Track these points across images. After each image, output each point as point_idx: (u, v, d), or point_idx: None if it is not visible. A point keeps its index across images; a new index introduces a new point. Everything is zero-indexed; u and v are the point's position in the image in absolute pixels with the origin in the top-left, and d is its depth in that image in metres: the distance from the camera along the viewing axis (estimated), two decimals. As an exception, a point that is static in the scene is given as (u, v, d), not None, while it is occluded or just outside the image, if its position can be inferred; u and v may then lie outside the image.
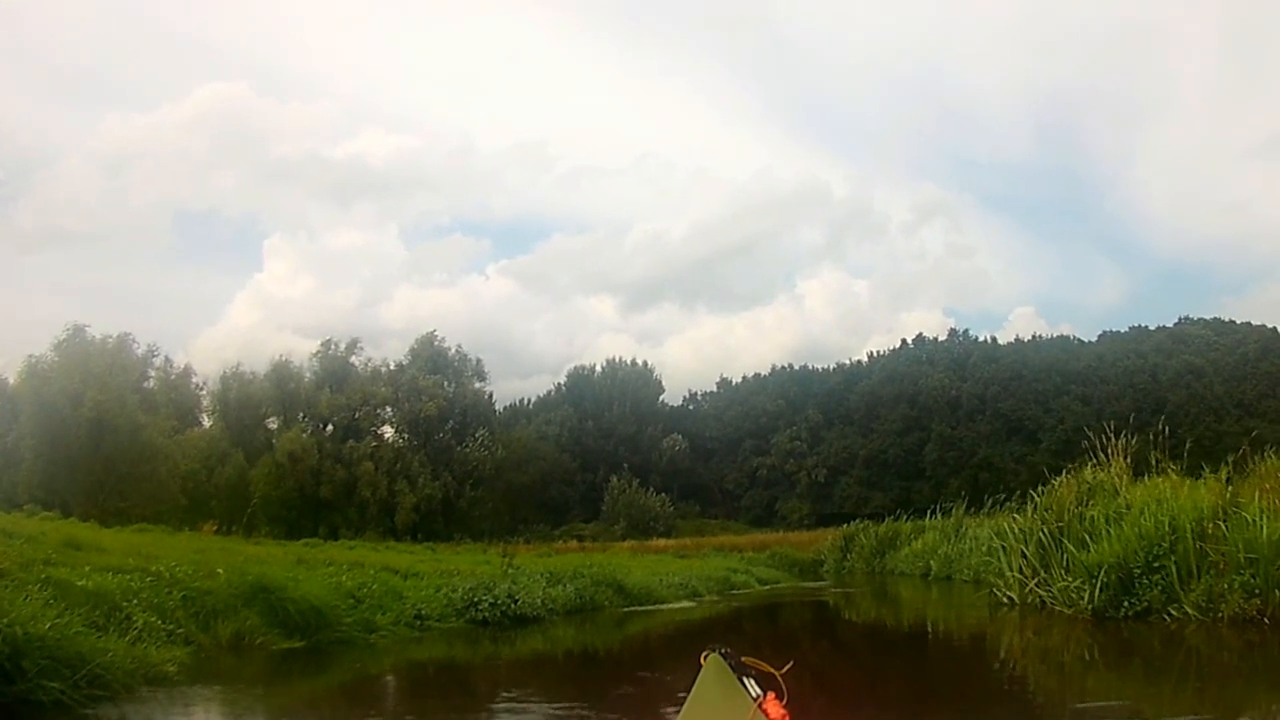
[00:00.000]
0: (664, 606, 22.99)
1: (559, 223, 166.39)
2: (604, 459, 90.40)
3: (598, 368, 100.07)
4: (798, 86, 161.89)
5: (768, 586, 33.20)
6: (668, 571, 28.95)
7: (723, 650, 3.87)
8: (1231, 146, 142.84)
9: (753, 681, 3.77)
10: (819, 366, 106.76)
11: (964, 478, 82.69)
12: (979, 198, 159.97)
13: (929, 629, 19.77)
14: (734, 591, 29.44)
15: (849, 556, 44.00)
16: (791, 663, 4.01)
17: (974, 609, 20.21)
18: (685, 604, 24.07)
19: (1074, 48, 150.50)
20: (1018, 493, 31.21)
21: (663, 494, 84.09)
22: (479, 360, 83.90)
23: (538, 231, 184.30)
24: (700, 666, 3.91)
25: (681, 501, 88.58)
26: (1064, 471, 21.57)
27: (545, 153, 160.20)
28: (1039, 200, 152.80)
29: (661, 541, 62.49)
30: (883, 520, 45.30)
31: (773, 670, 3.86)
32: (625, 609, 22.04)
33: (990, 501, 32.01)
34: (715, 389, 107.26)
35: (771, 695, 3.73)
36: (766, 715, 3.65)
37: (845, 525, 48.45)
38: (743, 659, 3.87)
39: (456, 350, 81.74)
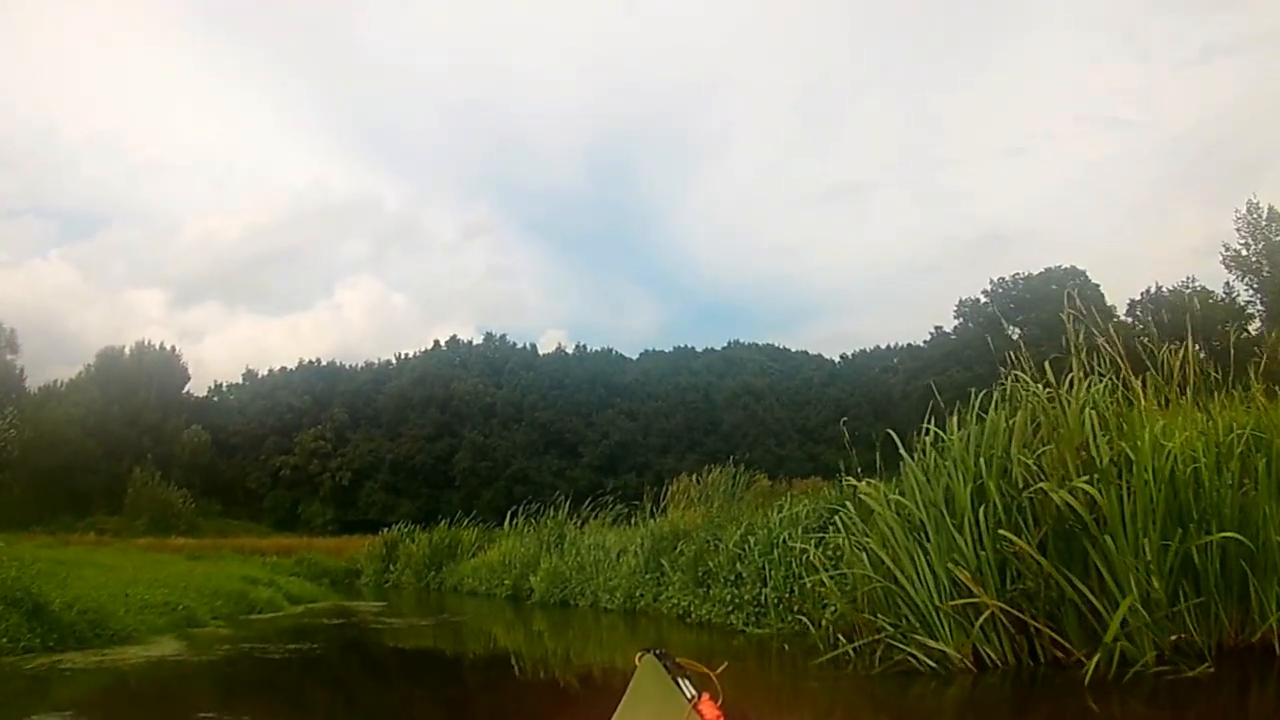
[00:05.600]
0: (125, 652, 10.75)
1: (122, 212, 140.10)
2: (129, 448, 71.86)
3: (126, 350, 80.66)
4: (362, 100, 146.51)
5: (302, 607, 20.72)
6: (159, 579, 16.65)
7: (657, 651, 3.42)
8: (787, 194, 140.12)
9: (688, 682, 3.24)
10: (348, 364, 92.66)
11: (498, 489, 73.38)
12: (525, 222, 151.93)
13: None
14: (254, 616, 17.32)
15: (393, 568, 32.94)
16: (726, 664, 3.55)
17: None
18: (170, 644, 11.85)
19: (635, 88, 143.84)
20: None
21: (185, 489, 67.37)
22: (13, 331, 67.70)
23: (101, 219, 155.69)
24: (635, 668, 3.47)
25: (204, 499, 71.78)
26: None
27: (121, 142, 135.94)
28: (584, 230, 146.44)
29: (180, 540, 48.35)
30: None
31: (707, 671, 3.34)
32: (49, 657, 10.07)
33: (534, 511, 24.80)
34: (241, 381, 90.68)
35: (706, 696, 3.18)
36: (701, 716, 3.11)
37: (381, 532, 37.46)
38: (677, 659, 3.35)
39: (-11, 318, 63.22)
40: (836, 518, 11.37)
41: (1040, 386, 9.70)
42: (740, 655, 11.84)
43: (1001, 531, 8.17)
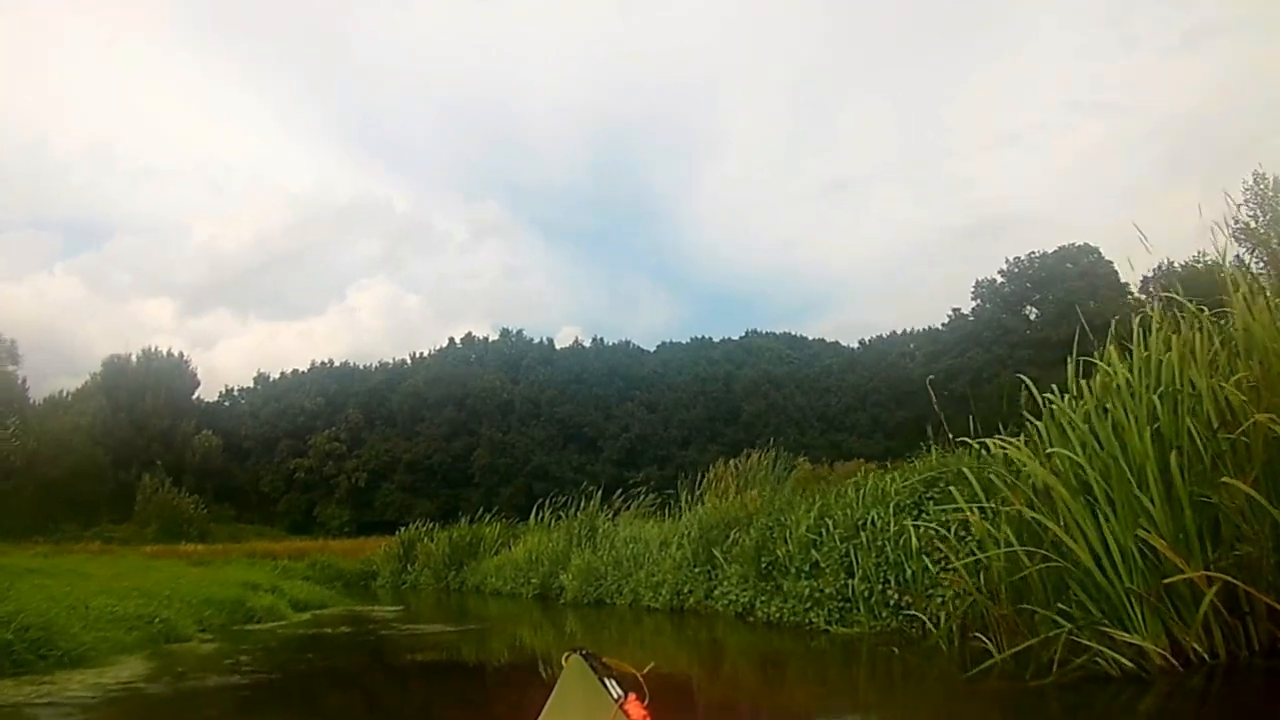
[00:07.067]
0: (70, 678, 8.47)
1: (127, 222, 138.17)
2: (137, 455, 70.08)
3: (134, 357, 78.52)
4: (369, 101, 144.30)
5: (309, 614, 18.10)
6: (138, 587, 14.46)
7: (583, 651, 3.39)
8: (794, 187, 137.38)
9: (614, 682, 3.26)
10: (361, 365, 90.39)
11: (517, 486, 71.38)
12: (535, 221, 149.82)
13: None
14: (250, 626, 14.93)
15: (410, 568, 30.79)
16: (653, 663, 3.43)
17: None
18: (132, 667, 9.53)
19: (639, 86, 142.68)
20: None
21: (196, 495, 65.39)
22: (13, 342, 66.17)
23: (106, 229, 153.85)
24: (562, 668, 3.41)
25: (216, 504, 69.53)
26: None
27: (124, 150, 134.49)
28: (593, 226, 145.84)
29: (190, 546, 46.10)
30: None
31: (634, 671, 3.35)
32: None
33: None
34: (253, 385, 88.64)
35: (633, 696, 3.21)
36: (628, 716, 3.14)
37: (398, 532, 35.45)
38: (604, 660, 3.35)
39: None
40: (948, 489, 9.24)
41: (1196, 307, 7.63)
42: (824, 661, 9.72)
43: (1226, 480, 5.98)
